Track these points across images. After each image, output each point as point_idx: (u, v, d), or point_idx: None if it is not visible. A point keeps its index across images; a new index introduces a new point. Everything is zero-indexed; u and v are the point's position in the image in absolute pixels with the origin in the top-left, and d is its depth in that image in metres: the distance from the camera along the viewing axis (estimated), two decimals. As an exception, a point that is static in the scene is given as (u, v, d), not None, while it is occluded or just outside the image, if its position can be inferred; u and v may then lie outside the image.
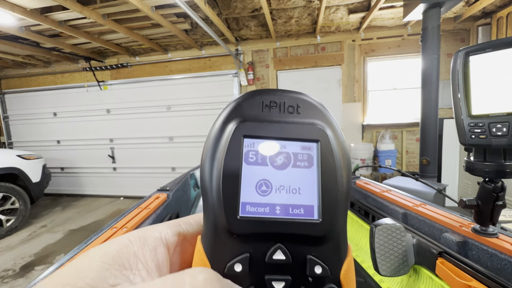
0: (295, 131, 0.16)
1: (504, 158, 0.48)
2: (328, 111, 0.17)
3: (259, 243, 0.14)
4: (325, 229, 0.14)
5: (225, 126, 0.16)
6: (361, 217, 0.85)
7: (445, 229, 0.59)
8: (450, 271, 0.47)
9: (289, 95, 0.16)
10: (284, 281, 0.14)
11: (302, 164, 0.15)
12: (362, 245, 0.78)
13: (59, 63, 4.85)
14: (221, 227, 0.14)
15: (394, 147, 3.91)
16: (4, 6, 2.42)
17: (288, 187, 0.15)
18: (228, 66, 4.34)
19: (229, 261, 0.14)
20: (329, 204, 0.15)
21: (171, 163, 4.70)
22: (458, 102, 0.50)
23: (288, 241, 0.14)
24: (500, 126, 0.46)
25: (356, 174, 1.11)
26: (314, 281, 0.14)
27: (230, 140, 0.15)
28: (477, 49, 0.48)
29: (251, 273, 0.14)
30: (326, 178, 0.15)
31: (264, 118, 0.16)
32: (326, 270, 0.14)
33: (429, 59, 2.57)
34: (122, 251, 0.14)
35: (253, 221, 0.14)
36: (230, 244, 0.14)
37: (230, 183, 0.14)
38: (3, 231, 3.23)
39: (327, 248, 0.14)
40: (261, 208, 0.15)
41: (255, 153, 0.15)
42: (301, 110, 0.16)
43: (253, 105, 0.16)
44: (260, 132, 0.15)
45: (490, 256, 0.49)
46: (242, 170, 0.15)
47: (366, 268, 0.70)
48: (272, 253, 0.14)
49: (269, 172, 0.15)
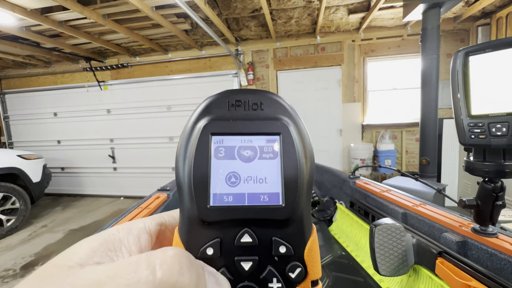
0: (259, 126, 0.17)
1: (504, 158, 0.48)
2: (290, 106, 0.18)
3: (229, 228, 0.16)
4: (288, 213, 0.16)
5: (195, 125, 0.17)
6: (361, 217, 0.85)
7: (444, 229, 0.59)
8: (449, 271, 0.47)
9: (252, 94, 0.18)
10: (251, 261, 0.15)
11: (267, 156, 0.17)
12: (362, 245, 0.78)
13: (59, 63, 4.86)
14: (194, 216, 0.16)
15: (393, 147, 3.91)
16: (4, 6, 2.42)
17: (255, 177, 0.16)
18: (228, 66, 4.34)
19: (202, 246, 0.15)
20: (291, 190, 0.16)
21: (171, 163, 4.70)
22: (457, 102, 0.50)
23: (256, 225, 0.16)
24: (500, 126, 0.46)
25: (356, 174, 1.11)
26: (280, 260, 0.15)
27: (199, 138, 0.16)
28: (477, 49, 0.48)
29: (222, 256, 0.15)
30: (288, 167, 0.16)
31: (230, 116, 0.17)
32: (290, 250, 0.15)
33: (429, 59, 2.57)
34: (109, 238, 0.16)
35: (222, 209, 0.16)
36: (202, 231, 0.15)
37: (200, 177, 0.16)
38: (4, 231, 3.23)
39: (291, 230, 0.16)
40: (230, 197, 0.16)
41: (224, 149, 0.17)
42: (264, 107, 0.17)
43: (220, 104, 0.17)
44: (226, 129, 0.17)
45: (489, 256, 0.49)
46: (211, 164, 0.16)
47: (366, 268, 0.70)
48: (240, 237, 0.15)
49: (237, 165, 0.17)
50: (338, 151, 4.23)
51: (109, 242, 0.15)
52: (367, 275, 0.67)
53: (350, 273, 0.69)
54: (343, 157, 4.21)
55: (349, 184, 1.03)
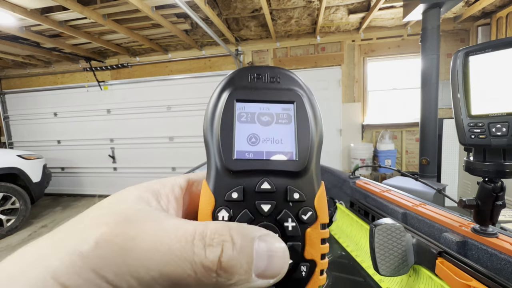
0: (276, 95, 0.20)
1: (504, 158, 0.48)
2: (301, 80, 0.21)
3: (250, 177, 0.18)
4: (301, 166, 0.18)
5: (221, 93, 0.19)
6: (361, 217, 0.85)
7: (444, 229, 0.59)
8: (449, 271, 0.47)
9: (270, 69, 0.20)
10: (270, 204, 0.17)
11: (283, 121, 0.19)
12: (362, 245, 0.78)
13: (59, 63, 4.86)
14: (221, 167, 0.18)
15: (393, 147, 3.91)
16: (4, 6, 2.42)
17: (272, 138, 0.19)
18: (228, 66, 4.34)
19: (228, 191, 0.18)
20: (303, 149, 0.18)
21: (172, 163, 4.70)
22: (457, 102, 0.50)
23: (273, 175, 0.18)
24: (500, 126, 0.46)
25: (356, 174, 1.11)
26: (294, 205, 0.18)
27: (225, 103, 0.19)
28: (477, 49, 0.48)
29: (244, 200, 0.17)
30: (301, 130, 0.19)
31: (252, 86, 0.20)
32: (303, 196, 0.18)
33: (429, 59, 2.57)
34: (149, 186, 0.18)
35: (245, 160, 0.18)
36: (228, 179, 0.18)
37: (226, 136, 0.18)
38: (4, 231, 3.23)
39: (303, 180, 0.18)
40: (251, 154, 0.18)
41: (246, 114, 0.19)
42: (280, 80, 0.20)
43: (243, 77, 0.20)
44: (248, 97, 0.19)
45: (489, 256, 0.49)
46: (235, 127, 0.19)
47: (366, 267, 0.70)
48: (260, 184, 0.18)
49: (257, 128, 0.19)
50: (338, 151, 4.23)
51: (151, 189, 0.18)
52: (367, 275, 0.67)
53: (350, 273, 0.69)
54: (343, 157, 4.21)
55: (349, 184, 1.03)
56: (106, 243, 0.12)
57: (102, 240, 0.12)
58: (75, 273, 0.11)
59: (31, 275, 0.11)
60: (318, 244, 0.18)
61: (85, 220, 0.14)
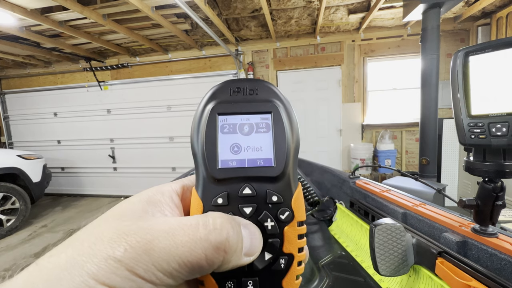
0: (254, 107, 0.21)
1: (504, 158, 0.48)
2: (278, 91, 0.22)
3: (234, 184, 0.20)
4: (278, 171, 0.20)
5: (205, 107, 0.21)
6: (360, 217, 0.85)
7: (444, 229, 0.59)
8: (449, 270, 0.47)
9: (249, 82, 0.22)
10: (251, 207, 0.19)
11: (262, 130, 0.21)
12: (361, 245, 0.78)
13: (59, 63, 4.86)
14: (207, 176, 0.20)
15: (393, 147, 3.91)
16: (4, 6, 2.42)
17: (253, 146, 0.21)
18: (228, 66, 4.34)
19: (214, 197, 0.19)
20: (280, 155, 0.20)
21: (172, 163, 4.70)
22: (457, 102, 0.50)
23: (254, 181, 0.20)
24: (500, 126, 0.46)
25: (356, 174, 1.11)
26: (272, 206, 0.20)
27: (208, 117, 0.21)
28: (477, 49, 0.48)
29: (229, 204, 0.19)
30: (278, 138, 0.20)
31: (232, 100, 0.21)
32: (280, 198, 0.20)
33: (429, 59, 2.57)
34: (150, 198, 0.20)
35: (228, 169, 0.20)
36: (214, 187, 0.20)
37: (210, 147, 0.20)
38: (4, 231, 3.24)
39: (281, 184, 0.20)
40: (234, 162, 0.20)
41: (228, 125, 0.21)
42: (258, 92, 0.21)
43: (224, 91, 0.21)
44: (229, 110, 0.21)
45: (489, 256, 0.49)
46: (218, 138, 0.20)
47: (366, 267, 0.70)
48: (242, 190, 0.20)
49: (239, 137, 0.21)
50: (338, 151, 4.23)
51: (152, 201, 0.19)
52: (367, 275, 0.67)
53: (350, 273, 0.69)
54: (343, 157, 4.21)
55: (349, 184, 1.03)
56: (132, 248, 0.15)
57: (129, 246, 0.15)
58: (113, 273, 0.14)
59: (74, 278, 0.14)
60: (295, 240, 0.20)
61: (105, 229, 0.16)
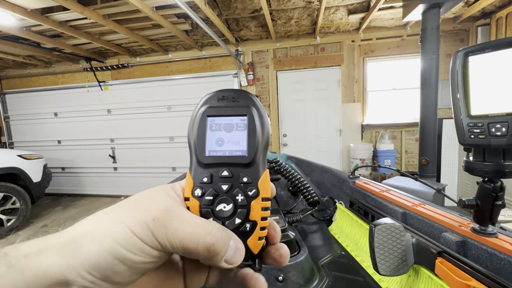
0: (235, 111, 0.27)
1: (503, 158, 0.48)
2: (255, 99, 0.27)
3: (216, 168, 0.26)
4: (249, 159, 0.26)
5: (198, 111, 0.27)
6: (360, 217, 0.85)
7: (444, 228, 0.59)
8: (449, 270, 0.47)
9: (233, 92, 0.28)
10: (227, 185, 0.25)
11: (240, 129, 0.27)
12: (361, 245, 0.78)
13: (60, 63, 4.86)
14: (197, 161, 0.26)
15: (393, 147, 3.91)
16: (4, 6, 2.42)
17: (233, 141, 0.27)
18: (228, 66, 4.35)
19: (201, 177, 0.26)
20: (251, 148, 0.26)
21: (172, 163, 4.71)
22: (457, 102, 0.50)
23: (231, 166, 0.26)
24: (499, 126, 0.46)
25: (356, 174, 1.11)
26: (243, 185, 0.25)
27: (200, 118, 0.27)
28: (477, 49, 0.48)
29: (212, 182, 0.25)
30: (251, 135, 0.26)
31: (219, 105, 0.27)
32: (250, 179, 0.25)
33: (429, 60, 2.57)
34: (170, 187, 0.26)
35: (213, 157, 0.26)
36: (202, 170, 0.26)
37: (201, 140, 0.26)
38: (4, 231, 3.24)
39: (251, 169, 0.26)
40: (218, 152, 0.26)
41: (215, 125, 0.27)
42: (239, 100, 0.27)
43: (213, 98, 0.27)
44: (216, 113, 0.27)
45: (489, 255, 0.49)
46: (207, 133, 0.27)
47: (366, 267, 0.70)
48: (221, 172, 0.25)
49: (222, 134, 0.27)
50: (338, 151, 4.23)
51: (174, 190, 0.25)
52: (367, 274, 0.67)
53: (350, 273, 0.69)
54: (342, 157, 4.21)
55: (348, 184, 1.03)
56: (157, 220, 0.21)
57: (156, 218, 0.21)
58: (142, 230, 0.20)
59: (118, 226, 0.20)
60: (259, 210, 0.25)
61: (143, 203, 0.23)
